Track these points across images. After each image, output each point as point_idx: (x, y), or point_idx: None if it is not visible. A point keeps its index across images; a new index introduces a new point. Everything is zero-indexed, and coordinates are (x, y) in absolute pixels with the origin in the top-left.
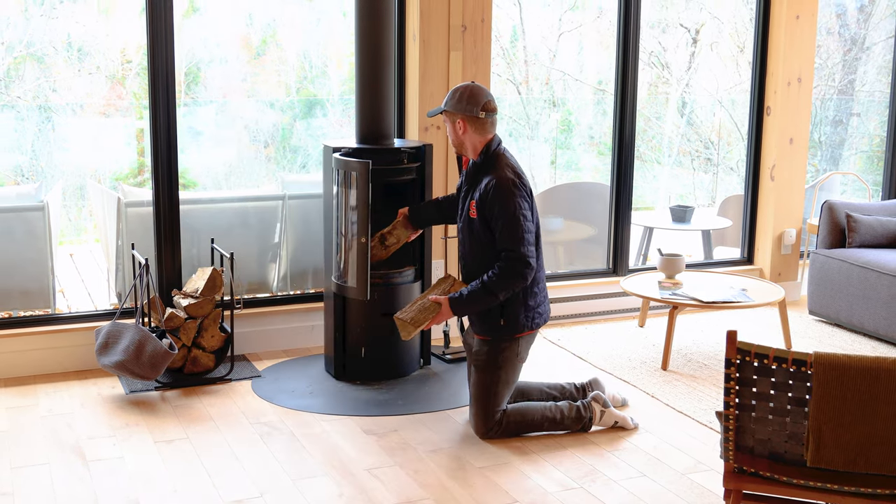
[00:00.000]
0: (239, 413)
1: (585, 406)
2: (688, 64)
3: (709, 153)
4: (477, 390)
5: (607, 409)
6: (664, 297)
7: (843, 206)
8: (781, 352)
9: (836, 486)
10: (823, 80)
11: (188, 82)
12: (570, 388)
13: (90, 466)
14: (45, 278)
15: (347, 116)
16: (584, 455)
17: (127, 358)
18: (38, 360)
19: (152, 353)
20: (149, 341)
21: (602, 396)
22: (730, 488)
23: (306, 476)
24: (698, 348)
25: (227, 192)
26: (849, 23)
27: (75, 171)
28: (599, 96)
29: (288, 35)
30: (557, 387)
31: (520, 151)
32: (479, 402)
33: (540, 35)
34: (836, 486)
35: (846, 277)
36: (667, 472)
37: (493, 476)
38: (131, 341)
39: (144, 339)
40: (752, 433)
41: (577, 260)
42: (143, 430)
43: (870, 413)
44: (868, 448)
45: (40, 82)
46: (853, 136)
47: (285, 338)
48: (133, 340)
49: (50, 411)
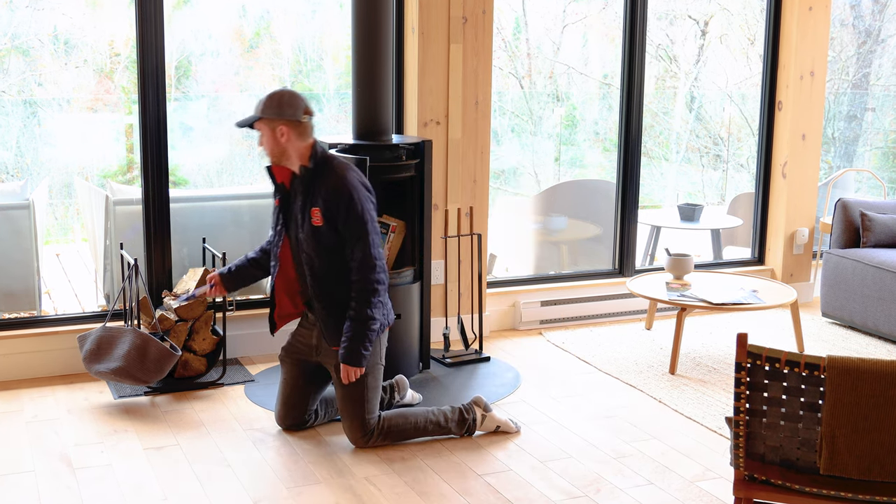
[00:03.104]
0: (231, 419)
1: (467, 409)
2: (696, 57)
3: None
4: (346, 404)
5: (489, 413)
6: (672, 298)
7: (858, 204)
8: (794, 355)
9: (851, 495)
10: (837, 73)
11: (179, 76)
12: None
13: (77, 474)
14: (31, 279)
15: (344, 112)
16: (589, 462)
17: (127, 363)
18: (22, 364)
19: (157, 356)
20: (151, 344)
21: (483, 400)
22: (740, 496)
23: (301, 484)
24: (707, 352)
25: (218, 190)
26: (863, 14)
27: (62, 168)
28: (605, 90)
29: (282, 27)
30: None
31: (522, 147)
32: (350, 413)
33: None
34: (850, 495)
35: (861, 278)
36: (675, 479)
37: (494, 483)
38: (131, 345)
39: (146, 343)
40: (763, 440)
41: (582, 260)
42: (132, 436)
43: (885, 419)
44: (884, 455)
45: (25, 76)
46: (868, 132)
47: (279, 341)
48: (133, 344)
49: (35, 417)
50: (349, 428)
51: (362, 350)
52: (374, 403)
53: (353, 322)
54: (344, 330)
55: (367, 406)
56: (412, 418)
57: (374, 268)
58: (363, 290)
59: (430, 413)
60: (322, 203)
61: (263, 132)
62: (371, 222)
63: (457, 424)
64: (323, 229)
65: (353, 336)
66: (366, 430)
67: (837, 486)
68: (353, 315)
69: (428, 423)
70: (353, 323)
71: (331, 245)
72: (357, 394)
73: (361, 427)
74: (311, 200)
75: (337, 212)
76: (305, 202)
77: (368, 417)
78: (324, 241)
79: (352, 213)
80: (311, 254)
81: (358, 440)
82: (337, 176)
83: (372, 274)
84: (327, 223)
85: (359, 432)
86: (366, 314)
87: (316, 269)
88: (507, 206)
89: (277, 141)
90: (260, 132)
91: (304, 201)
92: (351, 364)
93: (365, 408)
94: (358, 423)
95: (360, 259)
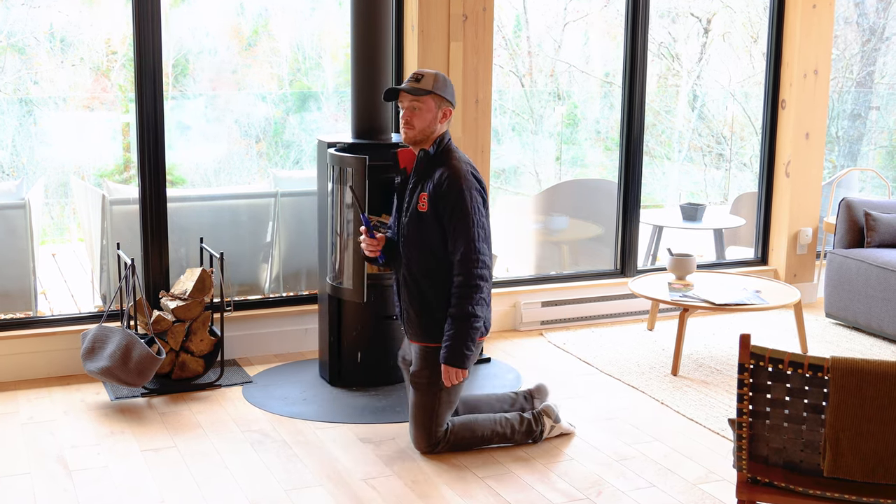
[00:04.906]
0: (229, 420)
1: (536, 419)
2: (699, 55)
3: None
4: (417, 412)
5: (557, 424)
6: (674, 298)
7: (862, 203)
8: (797, 356)
9: (855, 498)
10: (841, 71)
11: (176, 74)
12: (520, 399)
13: (73, 476)
14: (27, 279)
15: (343, 110)
16: (590, 464)
17: (113, 364)
18: (18, 366)
19: (139, 359)
20: (135, 346)
21: (553, 410)
22: (743, 499)
23: (299, 486)
24: (710, 353)
25: (216, 190)
26: (867, 12)
27: (58, 168)
28: (606, 89)
29: (281, 25)
30: (507, 398)
31: (523, 146)
32: (420, 424)
33: (544, 25)
34: (854, 498)
35: (865, 278)
36: (677, 482)
37: (495, 486)
38: (118, 346)
39: (131, 344)
40: (766, 442)
41: (583, 260)
42: (128, 438)
43: (890, 421)
44: (888, 457)
45: (21, 74)
46: (872, 131)
47: (278, 342)
48: (119, 345)
49: (31, 419)
50: (415, 436)
51: (465, 350)
52: (444, 417)
53: (455, 320)
54: (445, 329)
55: (437, 420)
56: (479, 430)
57: (477, 262)
58: (465, 285)
59: (497, 424)
60: (432, 189)
61: (423, 108)
62: (477, 216)
63: (523, 435)
64: (426, 216)
65: (454, 334)
66: (431, 441)
67: (841, 489)
68: (454, 312)
69: (494, 435)
70: (454, 321)
71: (429, 237)
72: (430, 404)
73: (427, 438)
74: (423, 185)
75: (444, 200)
76: (416, 185)
77: (436, 430)
78: (424, 229)
79: (459, 204)
80: (411, 239)
81: (422, 449)
82: (451, 165)
83: (475, 269)
84: (432, 210)
85: (424, 443)
86: (468, 311)
87: (410, 255)
88: (508, 206)
89: (435, 120)
90: (415, 107)
91: (416, 184)
92: (453, 365)
93: (434, 420)
94: (424, 433)
95: (463, 252)
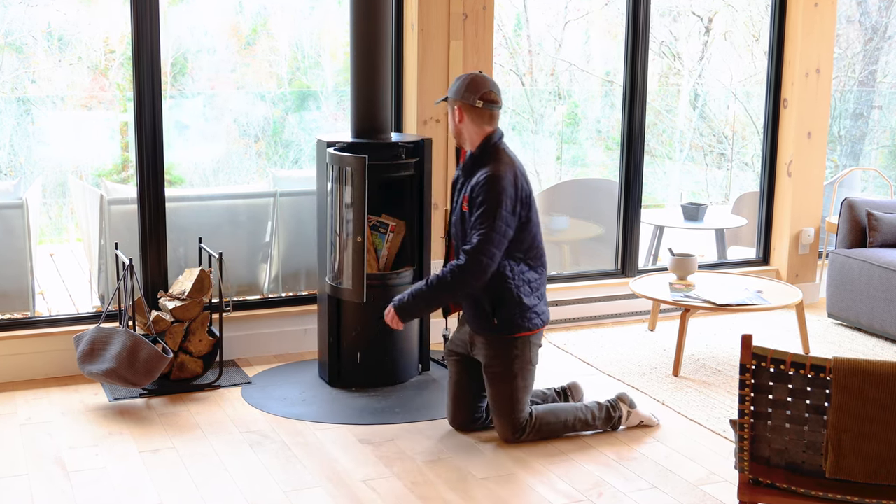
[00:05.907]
0: (228, 421)
1: (613, 406)
2: (700, 54)
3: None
4: (497, 402)
5: (634, 410)
6: (675, 299)
7: (864, 203)
8: (799, 357)
9: (857, 499)
10: (843, 70)
11: (174, 73)
12: (552, 394)
13: (71, 477)
14: (24, 280)
15: (342, 109)
16: (591, 466)
17: (118, 365)
18: (16, 366)
19: (147, 359)
20: (142, 346)
21: (628, 397)
22: (744, 500)
23: (298, 487)
24: (711, 353)
25: (215, 189)
26: (870, 10)
27: (56, 167)
28: (607, 88)
29: (280, 23)
30: (539, 393)
31: (524, 146)
32: (502, 413)
33: (545, 23)
34: (856, 499)
35: (867, 278)
36: (678, 483)
37: (495, 488)
38: (122, 347)
39: (137, 344)
40: (768, 442)
41: (584, 260)
42: (127, 439)
43: (892, 421)
44: (891, 458)
45: (19, 73)
46: (874, 130)
47: (277, 342)
48: (125, 346)
49: (29, 420)
50: (500, 426)
51: (414, 305)
52: (524, 402)
53: (430, 283)
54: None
55: (518, 406)
56: (562, 416)
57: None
58: (457, 272)
59: (578, 411)
60: (469, 189)
61: (450, 113)
62: (500, 221)
63: (603, 422)
64: (468, 215)
65: (419, 290)
66: (516, 428)
67: (844, 490)
68: (434, 277)
69: (577, 422)
70: (428, 282)
71: None
72: (507, 392)
73: (511, 425)
74: (468, 186)
75: (476, 199)
76: (463, 186)
77: (519, 416)
78: (468, 228)
79: (484, 205)
80: (459, 237)
81: (509, 438)
82: (492, 167)
83: (474, 268)
84: (470, 210)
85: (509, 430)
86: (445, 284)
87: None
88: None
89: (454, 121)
90: (448, 112)
91: (463, 185)
92: (396, 311)
93: (515, 407)
94: (508, 421)
95: (473, 248)
